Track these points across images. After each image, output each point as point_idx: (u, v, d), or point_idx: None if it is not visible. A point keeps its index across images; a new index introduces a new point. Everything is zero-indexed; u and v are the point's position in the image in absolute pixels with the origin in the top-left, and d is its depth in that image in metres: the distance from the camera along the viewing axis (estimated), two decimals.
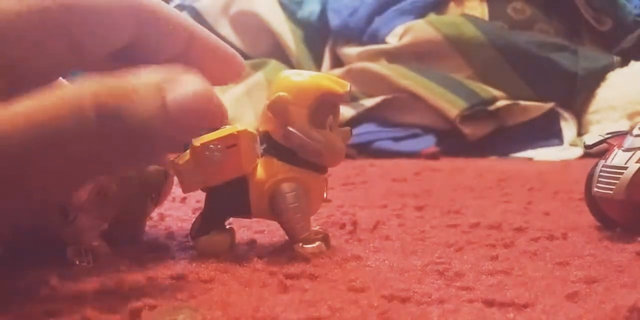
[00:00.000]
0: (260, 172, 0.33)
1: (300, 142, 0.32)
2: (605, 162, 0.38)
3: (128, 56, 0.30)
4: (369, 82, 1.16)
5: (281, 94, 0.32)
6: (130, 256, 0.32)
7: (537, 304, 0.25)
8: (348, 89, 0.33)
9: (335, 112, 0.33)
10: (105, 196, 0.30)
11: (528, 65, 1.13)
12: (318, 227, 0.35)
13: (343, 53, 1.24)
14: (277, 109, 0.32)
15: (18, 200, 0.23)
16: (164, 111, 0.24)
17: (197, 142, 0.31)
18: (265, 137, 0.33)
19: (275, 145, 0.32)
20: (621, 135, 0.39)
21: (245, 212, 0.33)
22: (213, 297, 0.26)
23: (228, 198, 0.33)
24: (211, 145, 0.31)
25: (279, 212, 0.33)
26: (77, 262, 0.30)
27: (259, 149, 0.34)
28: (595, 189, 0.37)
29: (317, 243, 0.33)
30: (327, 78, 0.33)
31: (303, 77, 0.33)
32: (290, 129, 0.32)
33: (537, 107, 1.11)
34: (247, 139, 0.32)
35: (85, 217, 0.30)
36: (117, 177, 0.31)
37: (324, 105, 0.32)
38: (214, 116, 0.27)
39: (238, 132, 0.32)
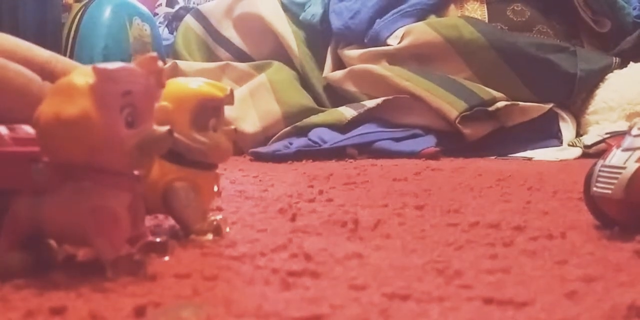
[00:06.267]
0: (153, 173, 0.36)
1: (184, 146, 0.36)
2: (604, 162, 0.38)
3: None
4: (370, 83, 1.16)
5: (162, 104, 0.35)
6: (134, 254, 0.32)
7: (536, 302, 0.25)
8: (228, 92, 0.37)
9: (218, 114, 0.37)
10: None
11: (527, 67, 1.13)
12: (219, 217, 0.38)
13: (345, 55, 1.24)
14: (158, 117, 0.35)
15: None
16: None
17: None
18: None
19: None
20: (620, 135, 0.40)
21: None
22: (216, 294, 0.26)
23: None
24: None
25: (172, 208, 0.37)
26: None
27: None
28: (594, 189, 0.38)
29: (208, 234, 0.37)
30: (208, 84, 0.37)
31: (185, 85, 0.37)
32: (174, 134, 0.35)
33: (536, 108, 1.11)
34: None
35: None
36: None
37: (204, 109, 0.36)
38: None
39: None
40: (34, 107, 0.28)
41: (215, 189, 0.39)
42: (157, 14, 1.63)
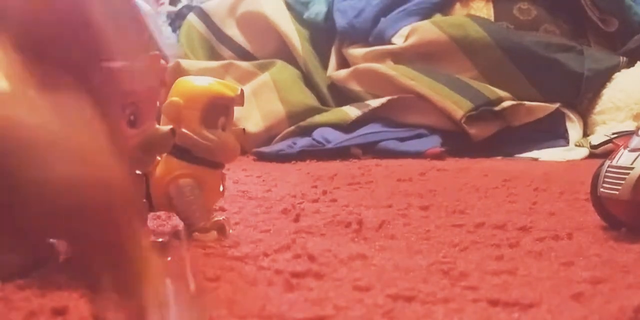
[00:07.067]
0: (159, 169, 0.36)
1: (193, 142, 0.36)
2: (611, 162, 0.38)
3: None
4: (374, 83, 1.16)
5: (174, 99, 0.36)
6: None
7: (542, 304, 0.25)
8: (239, 92, 0.38)
9: (228, 113, 0.38)
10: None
11: (534, 66, 1.12)
12: (223, 217, 0.38)
13: (349, 53, 1.24)
14: (169, 113, 0.36)
15: None
16: None
17: None
18: None
19: (173, 145, 0.35)
20: (627, 135, 0.39)
21: (147, 206, 0.36)
22: (219, 295, 0.26)
23: None
24: None
25: (176, 205, 0.37)
26: None
27: None
28: (601, 189, 0.37)
29: (212, 232, 0.37)
30: (220, 83, 0.37)
31: (196, 83, 0.37)
32: (183, 130, 0.36)
33: (542, 108, 1.10)
34: None
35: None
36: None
37: (214, 107, 0.37)
38: None
39: None
40: None
41: (221, 188, 0.39)
42: (160, 13, 1.63)
